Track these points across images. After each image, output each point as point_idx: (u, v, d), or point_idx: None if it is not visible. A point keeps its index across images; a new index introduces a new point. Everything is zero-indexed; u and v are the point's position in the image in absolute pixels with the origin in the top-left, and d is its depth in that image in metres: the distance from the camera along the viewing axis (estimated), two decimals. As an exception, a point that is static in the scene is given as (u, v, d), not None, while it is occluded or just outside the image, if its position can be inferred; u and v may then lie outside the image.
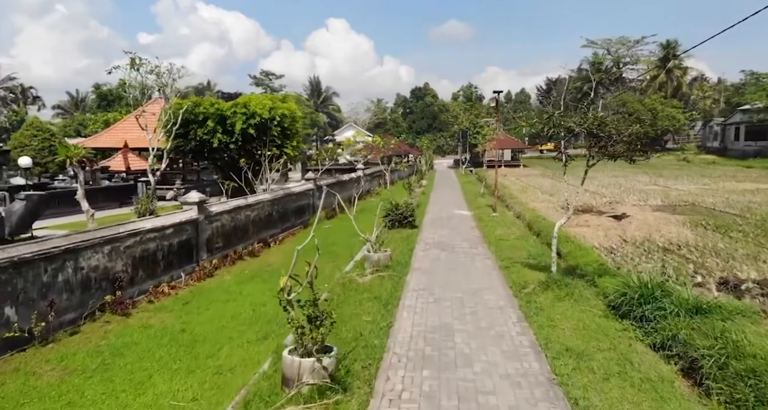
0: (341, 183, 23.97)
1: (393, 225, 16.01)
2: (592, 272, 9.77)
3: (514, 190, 27.46)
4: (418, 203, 22.38)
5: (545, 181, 35.98)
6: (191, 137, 16.62)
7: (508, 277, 9.60)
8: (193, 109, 16.38)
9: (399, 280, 9.40)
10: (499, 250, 12.28)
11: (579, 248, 11.70)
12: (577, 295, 8.14)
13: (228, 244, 12.62)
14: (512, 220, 17.50)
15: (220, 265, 11.84)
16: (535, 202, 22.27)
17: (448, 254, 11.94)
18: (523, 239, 13.81)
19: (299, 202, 17.93)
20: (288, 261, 13.05)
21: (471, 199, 24.91)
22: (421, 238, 14.34)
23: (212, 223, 11.96)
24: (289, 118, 18.02)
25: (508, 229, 15.58)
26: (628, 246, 12.89)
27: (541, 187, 30.67)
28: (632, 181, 32.84)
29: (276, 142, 17.58)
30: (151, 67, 14.38)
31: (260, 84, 79.34)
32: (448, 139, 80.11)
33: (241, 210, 13.45)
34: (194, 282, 10.56)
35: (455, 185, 35.53)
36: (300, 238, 16.10)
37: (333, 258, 12.68)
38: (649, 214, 17.92)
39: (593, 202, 22.39)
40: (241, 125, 16.23)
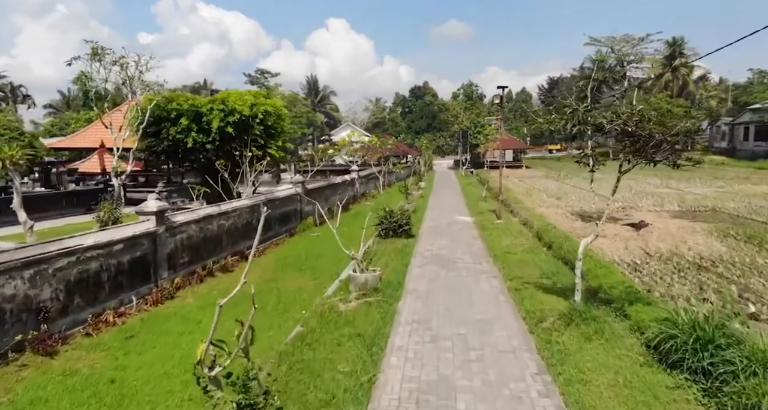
0: (333, 186, 22.42)
1: (387, 235, 14.45)
2: (619, 297, 8.23)
3: (518, 193, 25.90)
4: (416, 208, 20.82)
5: (550, 182, 34.43)
6: (164, 136, 15.07)
7: (520, 304, 8.03)
8: (166, 105, 14.83)
9: (389, 308, 7.83)
10: (507, 267, 10.71)
11: (600, 265, 10.14)
12: (608, 333, 6.58)
13: (195, 259, 11.05)
14: (518, 228, 15.93)
15: (184, 284, 10.28)
16: (542, 207, 20.70)
17: (447, 272, 10.37)
18: (532, 252, 12.24)
19: (284, 207, 16.37)
20: (268, 278, 11.47)
21: (472, 203, 23.35)
22: (418, 250, 12.77)
23: (175, 236, 10.39)
24: (274, 115, 16.46)
25: (514, 239, 14.02)
26: (653, 261, 11.34)
27: (546, 189, 29.12)
28: (642, 184, 31.28)
29: (258, 141, 16.01)
30: (115, 58, 12.83)
31: (255, 82, 77.58)
32: (448, 139, 78.56)
33: (213, 220, 11.88)
34: (149, 307, 9.00)
35: (455, 187, 33.97)
36: (285, 249, 14.56)
37: (316, 275, 11.13)
38: (669, 222, 16.36)
39: (605, 206, 20.82)
40: (219, 123, 14.67)
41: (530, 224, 16.01)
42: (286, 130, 17.69)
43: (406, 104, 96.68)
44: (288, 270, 11.81)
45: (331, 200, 22.11)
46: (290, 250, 14.17)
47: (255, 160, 15.83)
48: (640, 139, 6.78)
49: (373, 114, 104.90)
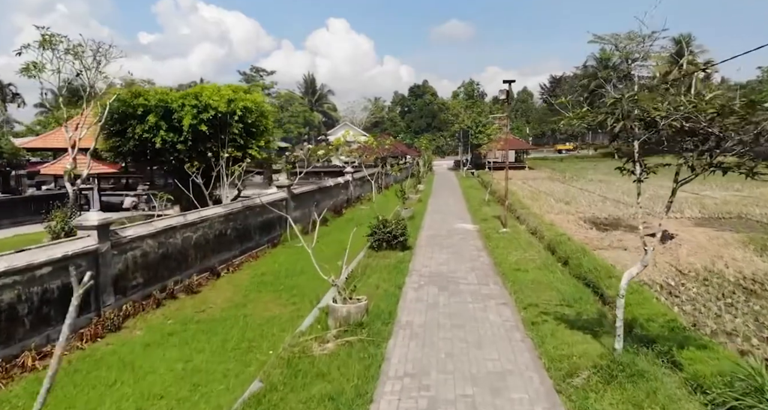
0: (324, 190, 20.81)
1: (380, 247, 12.85)
2: (661, 334, 6.67)
3: (524, 197, 24.31)
4: (413, 214, 19.23)
5: (555, 185, 32.84)
6: (129, 135, 13.47)
7: (541, 346, 6.43)
8: (131, 101, 13.24)
9: (376, 352, 6.22)
10: (519, 289, 9.11)
11: (631, 290, 8.53)
12: (662, 397, 4.98)
13: (152, 279, 9.45)
14: (527, 239, 14.33)
15: (136, 311, 8.67)
16: (551, 213, 19.11)
17: (449, 296, 8.76)
18: (546, 269, 10.64)
19: (266, 215, 14.75)
20: (237, 302, 9.78)
21: (475, 208, 21.75)
22: (414, 266, 11.17)
23: (125, 253, 8.79)
24: (255, 112, 14.85)
25: (524, 252, 12.42)
26: (689, 282, 9.75)
27: (552, 192, 27.52)
28: (654, 187, 29.68)
29: (237, 141, 14.41)
30: (68, 46, 11.24)
31: (250, 80, 76.09)
32: (448, 138, 76.97)
33: (176, 232, 10.28)
34: (84, 344, 7.39)
35: (456, 190, 32.38)
36: (264, 262, 12.96)
37: (295, 298, 9.52)
38: (695, 232, 14.76)
39: (619, 212, 19.25)
40: (191, 120, 13.07)
41: (540, 234, 14.41)
42: (269, 129, 16.06)
43: (405, 103, 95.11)
44: (263, 290, 10.21)
45: (323, 205, 20.53)
46: (270, 264, 12.58)
47: (233, 161, 14.22)
48: (708, 139, 5.18)
49: (371, 113, 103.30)
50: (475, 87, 57.48)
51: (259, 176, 35.89)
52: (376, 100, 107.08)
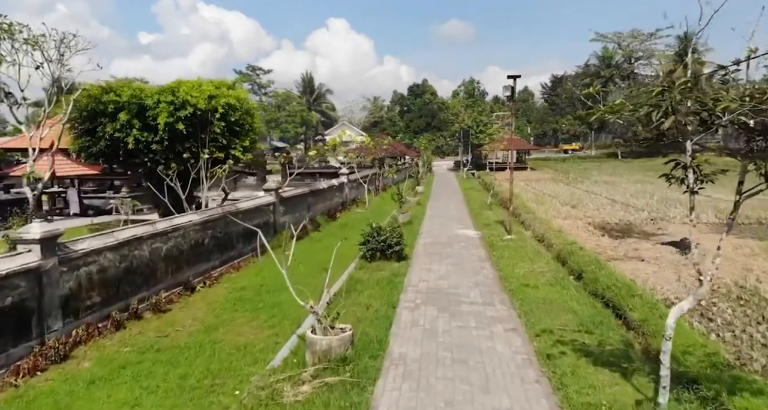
0: (317, 192, 19.70)
1: (373, 257, 11.75)
2: (702, 373, 5.61)
3: (528, 200, 23.20)
4: (411, 219, 18.11)
5: (559, 187, 31.75)
6: (100, 135, 12.37)
7: (561, 390, 5.33)
8: (102, 97, 12.14)
9: (359, 401, 5.11)
10: (529, 310, 8.01)
11: (655, 309, 7.45)
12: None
13: (112, 298, 8.34)
14: (534, 247, 13.23)
15: (89, 336, 7.56)
16: (558, 218, 18.01)
17: (449, 319, 7.66)
18: (558, 285, 9.54)
19: (251, 220, 13.64)
20: (209, 323, 8.41)
21: (477, 212, 20.64)
22: (410, 281, 10.06)
23: (78, 269, 7.68)
24: (239, 110, 13.74)
25: (532, 263, 11.32)
26: (721, 301, 8.66)
27: (557, 195, 26.43)
28: (662, 188, 28.58)
29: (219, 140, 13.30)
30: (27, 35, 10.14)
31: (246, 80, 75.01)
32: (448, 138, 75.89)
33: (143, 243, 9.17)
34: (19, 380, 6.28)
35: (456, 192, 31.27)
36: (246, 274, 11.85)
37: (274, 319, 8.42)
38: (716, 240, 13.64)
39: (630, 217, 18.15)
40: (167, 119, 11.95)
41: (548, 241, 13.31)
42: (255, 128, 14.95)
43: (404, 103, 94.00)
44: (240, 309, 9.11)
45: (316, 208, 19.45)
46: (252, 277, 11.47)
47: (214, 163, 13.14)
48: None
49: (370, 113, 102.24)
50: (476, 85, 56.31)
51: (252, 177, 34.82)
52: (375, 99, 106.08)
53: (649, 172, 44.30)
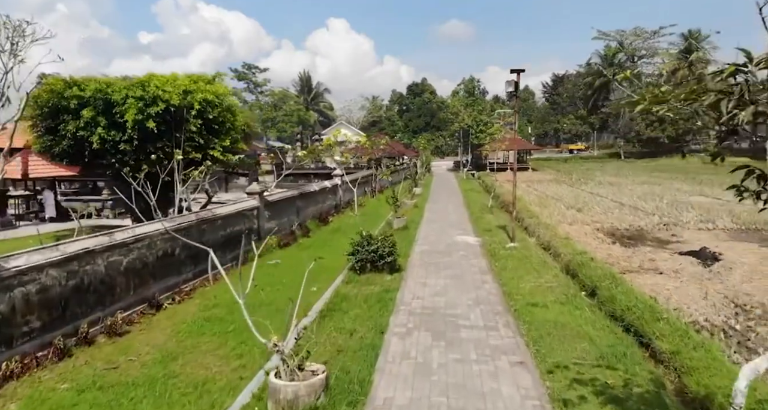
0: (307, 195, 18.60)
1: (363, 269, 10.66)
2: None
3: (531, 203, 22.12)
4: (406, 224, 17.01)
5: (563, 188, 30.67)
6: (63, 133, 11.29)
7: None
8: (64, 91, 11.06)
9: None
10: (539, 336, 6.92)
11: (686, 337, 6.37)
12: None
13: (57, 321, 7.25)
14: (540, 257, 12.14)
15: (25, 369, 6.47)
16: (564, 223, 16.94)
17: (446, 349, 6.56)
18: (570, 304, 8.45)
19: (231, 227, 12.56)
20: (169, 349, 5.65)
21: (477, 216, 19.55)
22: (403, 298, 8.96)
23: (12, 290, 6.58)
24: (219, 107, 12.64)
25: (538, 276, 10.25)
26: (759, 324, 7.56)
27: (561, 197, 25.34)
28: (670, 190, 27.56)
29: (196, 140, 12.21)
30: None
31: (242, 78, 73.81)
32: (447, 138, 74.81)
33: (97, 257, 8.08)
34: None
35: (456, 194, 30.18)
36: (222, 288, 10.74)
37: (246, 346, 7.33)
38: (741, 250, 12.57)
39: (640, 221, 17.05)
40: (135, 115, 10.86)
41: (555, 250, 12.23)
42: (237, 127, 13.86)
43: (403, 102, 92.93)
44: (208, 331, 8.03)
45: (306, 212, 18.36)
46: (229, 291, 10.33)
47: (190, 164, 12.06)
48: None
49: (369, 112, 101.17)
50: (476, 84, 55.18)
51: (244, 178, 33.75)
52: (374, 98, 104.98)
53: (654, 172, 43.29)
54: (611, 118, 65.92)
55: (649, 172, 44.55)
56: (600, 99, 72.70)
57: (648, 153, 62.31)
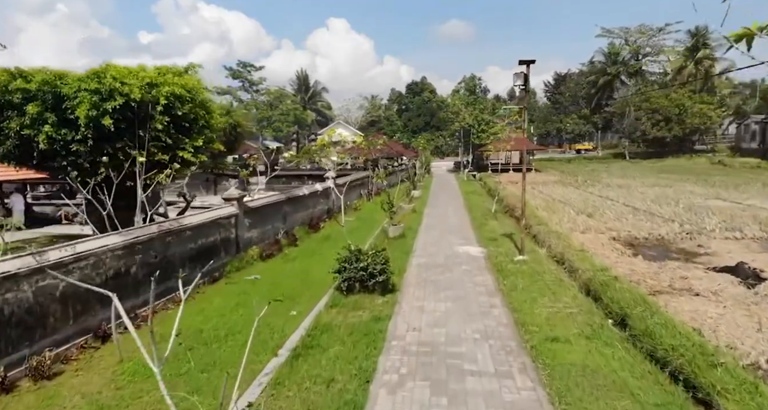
0: (295, 200, 17.15)
1: (351, 289, 9.24)
2: None
3: (537, 207, 20.69)
4: (403, 232, 15.59)
5: (569, 191, 29.25)
6: (6, 132, 9.86)
7: None
8: (8, 84, 9.63)
9: None
10: (564, 387, 5.50)
11: (766, 397, 4.94)
12: None
13: (-41, 368, 5.81)
14: (554, 273, 10.71)
15: None
16: (576, 231, 15.52)
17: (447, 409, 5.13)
18: (598, 339, 7.00)
19: (203, 238, 11.14)
20: (107, 396, 5.82)
21: (480, 222, 18.12)
22: (396, 330, 7.52)
23: None
24: (191, 102, 11.20)
25: (554, 298, 8.83)
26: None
27: (569, 201, 23.92)
28: (684, 193, 26.13)
29: (162, 139, 10.76)
30: None
31: (237, 76, 72.27)
32: (448, 138, 73.35)
33: (20, 282, 6.64)
34: None
35: (457, 197, 28.74)
36: (189, 311, 9.31)
37: (202, 396, 5.86)
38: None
39: (660, 230, 15.62)
40: (88, 111, 9.42)
41: (570, 265, 10.80)
42: (213, 125, 12.42)
43: (402, 101, 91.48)
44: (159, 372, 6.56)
45: (293, 219, 16.93)
46: (195, 315, 8.93)
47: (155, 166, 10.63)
48: None
49: (367, 112, 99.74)
50: (477, 82, 53.55)
51: (234, 180, 32.30)
52: (372, 98, 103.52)
53: (662, 174, 41.86)
54: (615, 118, 64.44)
55: (656, 173, 43.13)
56: (603, 98, 71.27)
57: (653, 153, 60.89)
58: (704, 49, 59.65)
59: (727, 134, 71.84)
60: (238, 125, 40.57)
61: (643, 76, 69.29)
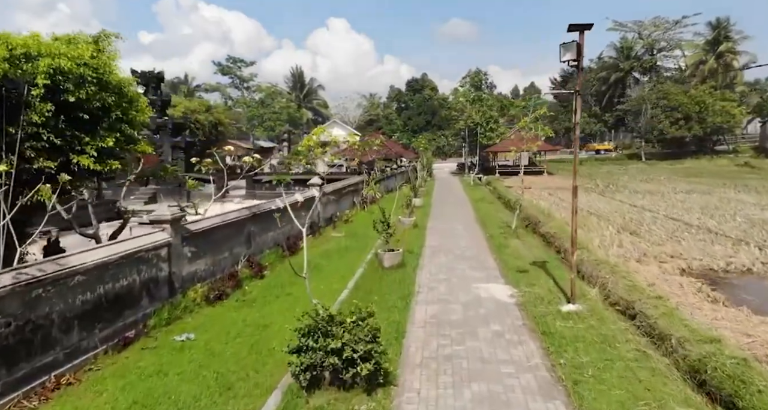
0: (263, 217, 13.56)
1: (317, 384, 5.71)
2: None
3: (565, 221, 17.18)
4: (402, 260, 12.08)
5: (593, 199, 25.74)
6: None
7: None
8: None
9: None
10: None
11: None
12: None
13: None
14: (629, 339, 7.18)
15: None
16: (630, 259, 12.00)
17: None
18: None
19: (108, 284, 7.60)
20: None
21: (499, 242, 14.61)
22: None
23: None
24: (95, 85, 7.70)
25: (651, 397, 5.32)
26: None
27: (597, 211, 20.42)
28: (730, 201, 22.61)
29: (45, 138, 7.28)
30: None
31: (226, 72, 68.91)
32: (450, 138, 69.83)
33: None
34: None
35: (464, 204, 25.21)
36: (72, 401, 5.81)
37: None
38: None
39: (738, 256, 12.09)
40: None
41: (649, 324, 7.27)
42: (134, 119, 8.90)
43: (402, 99, 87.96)
44: None
45: (262, 240, 13.45)
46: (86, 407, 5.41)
47: (37, 176, 7.15)
48: None
49: (365, 110, 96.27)
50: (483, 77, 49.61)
51: (210, 185, 28.69)
52: (371, 96, 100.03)
53: (688, 177, 38.37)
54: (630, 116, 60.87)
55: (681, 175, 39.67)
56: (615, 95, 67.80)
57: (670, 154, 57.42)
58: (726, 42, 56.17)
59: (746, 134, 68.44)
60: (219, 123, 37.17)
61: (658, 72, 65.85)
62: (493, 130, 44.07)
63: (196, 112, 33.53)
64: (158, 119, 26.57)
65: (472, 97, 46.23)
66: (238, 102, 66.57)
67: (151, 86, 26.88)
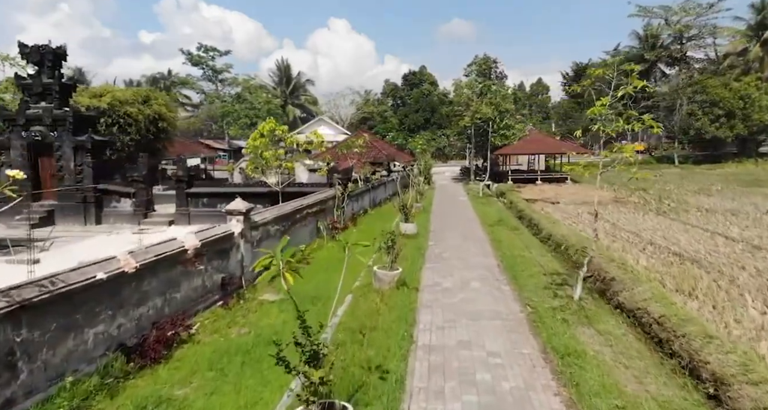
0: (162, 267, 6.77)
1: None
2: None
3: (626, 254, 10.52)
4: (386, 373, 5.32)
5: (655, 222, 19.03)
6: None
7: None
8: None
9: None
10: None
11: None
12: None
13: None
14: None
15: None
16: None
17: None
18: None
19: None
20: None
21: (555, 333, 7.92)
22: None
23: None
24: None
25: None
26: None
27: (685, 250, 13.74)
28: None
29: None
30: None
31: (197, 62, 62.27)
32: (453, 137, 63.16)
33: None
34: None
35: (476, 234, 18.41)
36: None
37: None
38: None
39: None
40: None
41: None
42: None
43: (397, 94, 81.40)
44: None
45: (176, 301, 6.79)
46: None
47: None
48: None
49: (358, 108, 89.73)
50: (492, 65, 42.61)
51: (127, 200, 21.92)
52: (366, 92, 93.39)
53: (751, 187, 31.70)
54: (662, 112, 54.29)
55: (735, 184, 33.12)
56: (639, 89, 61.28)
57: (707, 156, 50.93)
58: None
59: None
60: (160, 117, 30.15)
61: (688, 63, 59.40)
62: (509, 127, 37.45)
63: (127, 103, 26.76)
64: (55, 110, 19.88)
65: (480, 88, 39.47)
66: (209, 96, 60.00)
67: (46, 66, 20.19)
